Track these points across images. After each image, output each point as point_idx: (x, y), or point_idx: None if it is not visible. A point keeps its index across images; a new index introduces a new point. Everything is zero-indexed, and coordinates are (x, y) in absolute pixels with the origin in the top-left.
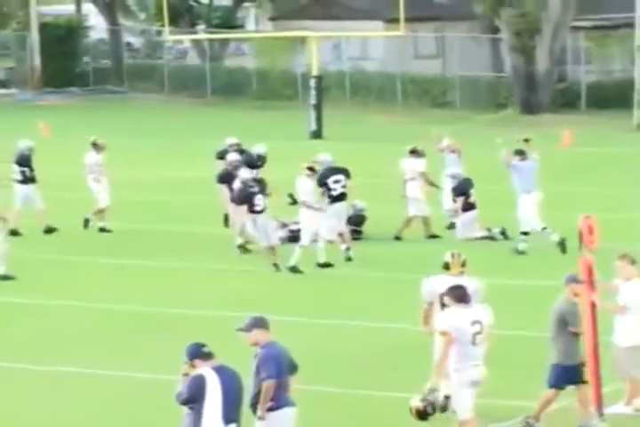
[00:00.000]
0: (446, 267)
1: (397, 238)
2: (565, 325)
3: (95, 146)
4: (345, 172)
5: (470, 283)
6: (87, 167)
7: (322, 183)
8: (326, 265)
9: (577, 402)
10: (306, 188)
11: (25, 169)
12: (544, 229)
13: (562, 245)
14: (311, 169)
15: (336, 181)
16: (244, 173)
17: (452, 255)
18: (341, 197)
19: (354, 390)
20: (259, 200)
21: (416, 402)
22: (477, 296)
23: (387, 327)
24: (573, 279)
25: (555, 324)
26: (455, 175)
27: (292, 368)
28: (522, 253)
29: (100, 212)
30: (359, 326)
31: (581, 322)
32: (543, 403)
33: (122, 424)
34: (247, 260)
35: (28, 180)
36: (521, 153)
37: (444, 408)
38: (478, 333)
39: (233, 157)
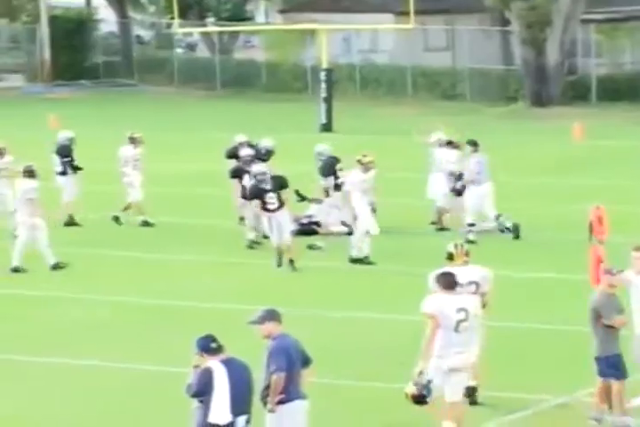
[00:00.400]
0: (450, 257)
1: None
2: (600, 318)
3: (132, 140)
4: (339, 161)
5: (477, 271)
6: (122, 161)
7: (331, 172)
8: (358, 260)
9: (595, 393)
10: (355, 179)
11: (67, 160)
12: (498, 216)
13: (516, 231)
14: (360, 162)
15: (340, 170)
16: (256, 167)
17: (455, 246)
18: (341, 186)
19: (368, 383)
20: (270, 198)
21: (410, 388)
22: (486, 284)
23: (398, 320)
24: (607, 271)
25: (590, 317)
26: (452, 173)
27: (306, 361)
28: (472, 242)
29: (128, 206)
30: (370, 319)
31: (615, 314)
32: (615, 397)
33: (134, 416)
34: (258, 253)
35: (68, 171)
36: (474, 144)
37: (470, 394)
38: (463, 320)
39: (246, 151)
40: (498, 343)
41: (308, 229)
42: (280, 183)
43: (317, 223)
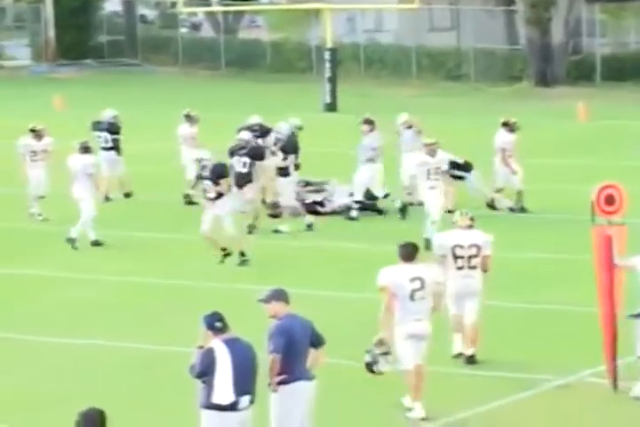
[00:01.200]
0: (455, 223)
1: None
2: None
3: (189, 118)
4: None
5: (480, 235)
6: (181, 139)
7: (295, 150)
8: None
9: None
10: (418, 162)
11: (116, 137)
12: (386, 195)
13: (402, 212)
14: (424, 144)
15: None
16: (200, 153)
17: (461, 213)
18: (299, 166)
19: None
20: (207, 186)
21: (366, 358)
22: (487, 248)
23: None
24: None
25: None
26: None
27: (317, 341)
28: (354, 218)
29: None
30: (374, 299)
31: None
32: None
33: (138, 396)
34: (267, 234)
35: (113, 147)
36: (370, 123)
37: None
38: (418, 289)
39: (242, 135)
40: (499, 323)
41: (311, 209)
42: (218, 172)
43: (321, 203)
